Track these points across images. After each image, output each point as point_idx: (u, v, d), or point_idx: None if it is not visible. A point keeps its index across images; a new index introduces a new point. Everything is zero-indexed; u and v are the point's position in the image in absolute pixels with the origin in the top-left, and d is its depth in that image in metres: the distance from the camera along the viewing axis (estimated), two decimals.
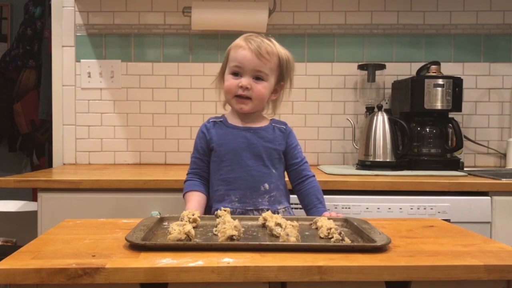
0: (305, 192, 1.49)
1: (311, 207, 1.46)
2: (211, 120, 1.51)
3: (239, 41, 1.46)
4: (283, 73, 1.48)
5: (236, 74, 1.43)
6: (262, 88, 1.43)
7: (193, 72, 2.37)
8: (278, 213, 1.34)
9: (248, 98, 1.43)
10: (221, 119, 1.50)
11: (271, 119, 1.53)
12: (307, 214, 1.46)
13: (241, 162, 1.42)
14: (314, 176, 1.52)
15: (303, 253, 0.92)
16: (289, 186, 1.54)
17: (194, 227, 1.06)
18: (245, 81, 1.41)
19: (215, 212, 1.18)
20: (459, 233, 1.13)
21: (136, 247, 0.94)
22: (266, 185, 1.42)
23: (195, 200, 1.43)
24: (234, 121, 1.49)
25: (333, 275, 0.85)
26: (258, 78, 1.42)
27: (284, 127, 1.52)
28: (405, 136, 2.05)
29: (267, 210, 1.33)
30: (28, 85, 3.42)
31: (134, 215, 1.49)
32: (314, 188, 1.49)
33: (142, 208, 1.76)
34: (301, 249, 0.95)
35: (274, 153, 1.46)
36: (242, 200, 1.40)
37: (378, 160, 2.04)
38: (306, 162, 1.53)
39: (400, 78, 2.30)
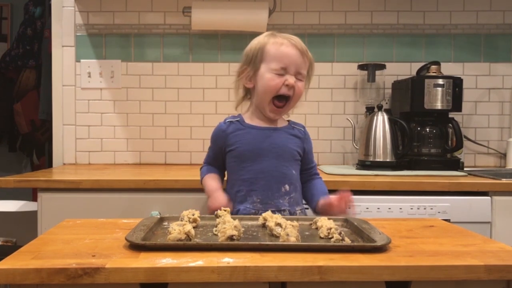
0: (314, 186, 1.52)
1: (322, 195, 1.48)
2: (227, 121, 1.49)
3: (276, 38, 1.41)
4: (309, 75, 1.48)
5: (279, 73, 1.40)
6: (302, 87, 1.43)
7: (193, 72, 2.37)
8: (295, 215, 1.40)
9: (288, 99, 1.42)
10: (238, 119, 1.48)
11: (288, 120, 1.54)
12: (313, 201, 1.48)
13: (262, 163, 1.41)
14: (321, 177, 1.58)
15: (303, 253, 0.92)
16: None
17: (194, 227, 1.06)
18: (291, 79, 1.39)
19: (215, 212, 1.18)
20: (459, 233, 1.13)
21: (136, 247, 0.94)
22: (287, 186, 1.42)
23: (214, 178, 1.48)
24: (253, 121, 1.48)
25: (333, 275, 0.85)
26: (298, 79, 1.42)
27: (303, 129, 1.53)
28: (405, 136, 2.05)
29: (288, 210, 1.39)
30: (28, 85, 3.42)
31: (134, 215, 1.49)
32: (323, 185, 1.54)
33: (142, 208, 1.76)
34: (301, 249, 0.94)
35: (295, 154, 1.47)
36: (264, 201, 1.39)
37: (378, 160, 2.04)
38: (316, 165, 1.58)
39: (400, 78, 2.30)
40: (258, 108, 1.47)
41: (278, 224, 1.05)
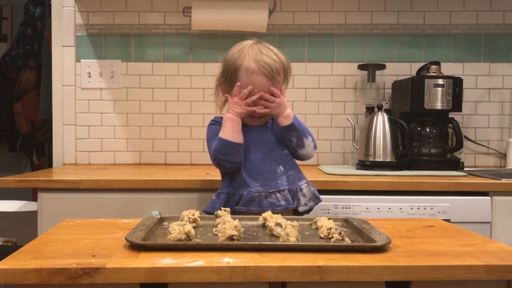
0: None
1: None
2: (217, 117, 1.58)
3: (249, 62, 1.46)
4: (287, 80, 1.56)
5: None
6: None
7: (193, 72, 2.37)
8: (301, 190, 1.49)
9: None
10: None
11: None
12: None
13: (254, 150, 1.50)
14: None
15: (303, 253, 0.92)
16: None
17: (194, 227, 1.06)
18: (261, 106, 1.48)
19: (215, 212, 1.18)
20: (459, 233, 1.13)
21: (136, 247, 0.94)
22: (281, 167, 1.50)
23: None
24: None
25: (333, 275, 0.85)
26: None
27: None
28: (405, 136, 2.05)
29: (288, 189, 1.46)
30: (28, 85, 3.42)
31: (134, 215, 1.49)
32: None
33: (142, 208, 1.76)
34: (301, 249, 0.94)
35: (280, 138, 1.54)
36: (263, 184, 1.47)
37: (378, 160, 2.04)
38: None
39: (400, 78, 2.30)
40: None
41: (278, 224, 1.05)
